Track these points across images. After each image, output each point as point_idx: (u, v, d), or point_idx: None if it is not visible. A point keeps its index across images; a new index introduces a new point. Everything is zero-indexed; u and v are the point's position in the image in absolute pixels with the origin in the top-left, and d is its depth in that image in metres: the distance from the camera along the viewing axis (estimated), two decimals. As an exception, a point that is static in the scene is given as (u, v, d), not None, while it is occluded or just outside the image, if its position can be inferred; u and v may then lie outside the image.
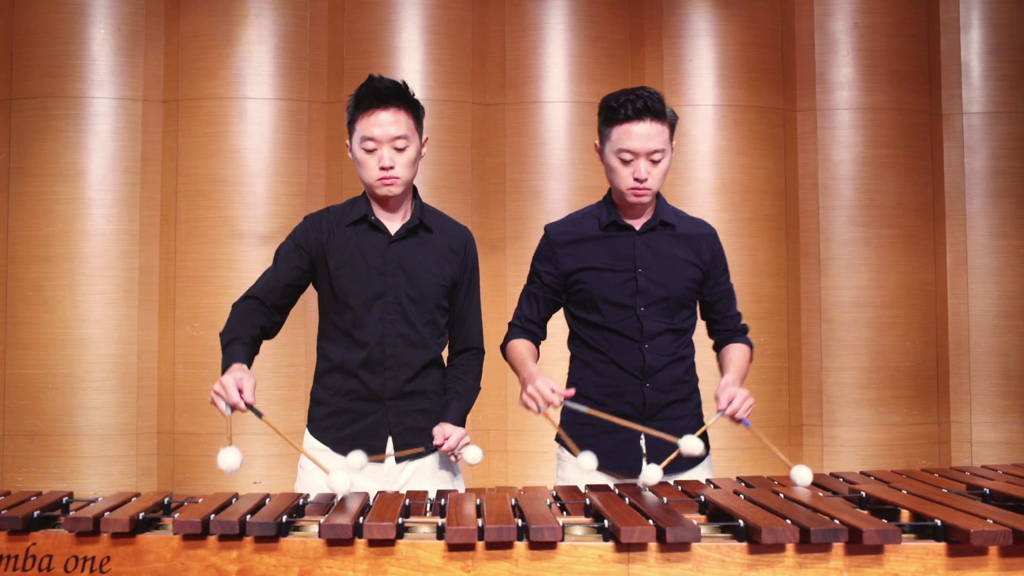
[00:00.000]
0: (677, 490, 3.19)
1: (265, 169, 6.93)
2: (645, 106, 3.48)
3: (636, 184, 3.54)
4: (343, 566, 2.60)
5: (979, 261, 7.26)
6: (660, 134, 3.51)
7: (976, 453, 7.20)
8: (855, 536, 2.50)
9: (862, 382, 7.05)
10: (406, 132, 3.45)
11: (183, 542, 2.64)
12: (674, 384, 3.67)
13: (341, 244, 3.55)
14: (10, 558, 2.66)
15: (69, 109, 6.86)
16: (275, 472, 6.83)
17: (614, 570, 2.56)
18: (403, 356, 3.53)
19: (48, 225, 6.82)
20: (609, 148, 3.59)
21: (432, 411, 3.60)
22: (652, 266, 3.65)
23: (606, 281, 3.65)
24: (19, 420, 6.80)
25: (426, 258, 3.58)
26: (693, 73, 7.21)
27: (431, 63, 7.07)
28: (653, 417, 3.60)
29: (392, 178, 3.45)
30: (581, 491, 3.15)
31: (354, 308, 3.53)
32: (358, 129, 3.47)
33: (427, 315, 3.58)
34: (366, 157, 3.46)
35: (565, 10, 7.12)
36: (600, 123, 3.64)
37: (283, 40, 7.02)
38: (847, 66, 7.24)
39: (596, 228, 3.71)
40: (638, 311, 3.62)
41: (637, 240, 3.66)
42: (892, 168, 7.16)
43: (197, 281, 6.89)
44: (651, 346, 3.62)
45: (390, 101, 3.44)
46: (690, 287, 3.70)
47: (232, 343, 3.60)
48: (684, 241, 3.71)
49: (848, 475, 3.44)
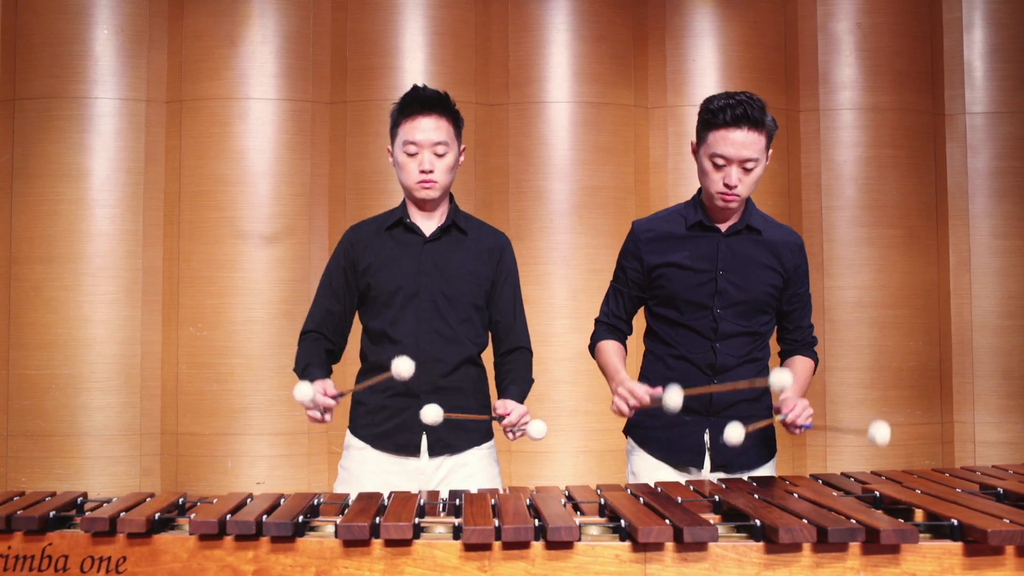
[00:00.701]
0: (689, 490, 3.19)
1: (268, 169, 6.93)
2: (744, 113, 3.47)
3: (725, 190, 3.54)
4: (360, 566, 2.60)
5: (982, 261, 7.26)
6: (756, 143, 3.50)
7: (979, 453, 7.21)
8: (872, 536, 2.51)
9: (865, 382, 7.06)
10: (446, 139, 3.59)
11: (199, 542, 2.64)
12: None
13: (377, 248, 3.67)
14: (26, 558, 2.66)
15: (72, 110, 6.86)
16: (279, 472, 6.83)
17: (631, 570, 2.56)
18: (438, 352, 3.60)
19: (51, 226, 6.81)
20: (704, 151, 3.58)
21: (469, 408, 3.65)
22: (733, 269, 3.66)
23: (686, 280, 3.67)
24: (23, 421, 6.80)
25: (461, 258, 3.66)
26: (696, 73, 7.22)
27: (434, 63, 7.07)
28: (719, 414, 3.61)
29: (431, 181, 3.57)
30: (594, 491, 3.14)
31: (390, 307, 3.63)
32: (401, 133, 3.60)
33: (463, 313, 3.65)
34: (407, 160, 3.59)
35: (568, 10, 7.12)
36: (698, 124, 3.62)
37: (286, 40, 7.01)
38: (850, 66, 7.25)
39: (682, 227, 3.72)
40: (714, 312, 3.64)
41: (721, 242, 3.67)
42: (895, 168, 7.17)
43: (200, 281, 6.89)
44: (723, 346, 3.63)
45: (433, 108, 3.58)
46: (770, 293, 3.70)
47: (307, 368, 3.67)
48: (768, 247, 3.71)
49: (859, 475, 3.45)
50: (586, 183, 7.01)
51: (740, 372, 3.68)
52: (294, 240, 6.92)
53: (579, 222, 6.96)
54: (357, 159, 7.00)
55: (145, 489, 6.83)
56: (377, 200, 6.90)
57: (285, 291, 6.89)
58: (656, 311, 3.77)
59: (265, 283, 6.88)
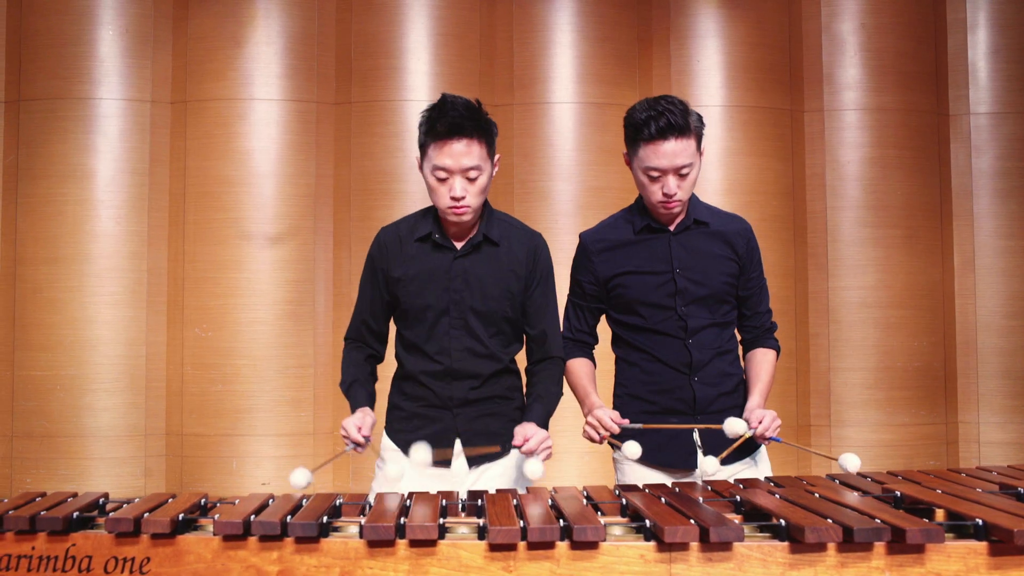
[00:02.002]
0: (707, 490, 3.19)
1: (273, 170, 6.92)
2: (668, 123, 3.45)
3: (665, 199, 3.55)
4: (384, 567, 2.60)
5: (986, 261, 7.27)
6: (686, 149, 3.49)
7: (984, 453, 7.22)
8: (898, 535, 2.51)
9: (870, 382, 7.07)
10: (479, 162, 3.42)
11: (223, 543, 2.64)
12: (721, 377, 3.69)
13: (408, 259, 3.59)
14: (50, 559, 2.66)
15: (77, 111, 6.85)
16: (284, 473, 6.77)
17: (656, 570, 2.56)
18: (470, 368, 3.56)
19: (56, 226, 6.81)
20: (636, 164, 3.58)
21: (501, 414, 3.63)
22: (690, 265, 3.66)
23: (645, 284, 3.66)
24: (28, 422, 6.79)
25: (492, 272, 3.58)
26: (700, 74, 7.22)
27: (438, 64, 7.07)
28: (704, 411, 3.62)
29: (463, 208, 3.44)
30: (612, 491, 3.14)
31: (422, 322, 3.57)
32: (430, 156, 3.45)
33: (494, 327, 3.60)
34: (437, 185, 3.45)
35: (573, 11, 7.12)
36: (626, 137, 3.62)
37: (291, 41, 7.01)
38: (854, 67, 7.26)
39: (631, 232, 3.72)
40: (679, 310, 3.63)
41: (672, 240, 3.67)
42: (899, 169, 7.18)
43: (205, 282, 6.89)
44: (695, 341, 3.64)
45: (463, 131, 3.39)
46: (728, 282, 3.70)
47: (352, 386, 3.64)
48: (719, 237, 3.72)
49: (876, 475, 3.45)
50: (591, 184, 7.01)
51: (715, 365, 3.68)
52: (299, 241, 6.92)
53: (584, 223, 6.89)
54: (362, 160, 7.00)
55: (150, 490, 6.83)
56: (382, 200, 6.90)
57: (290, 292, 6.89)
58: (620, 319, 3.76)
59: (270, 284, 6.87)
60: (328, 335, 6.98)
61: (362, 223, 6.97)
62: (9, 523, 2.68)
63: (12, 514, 2.69)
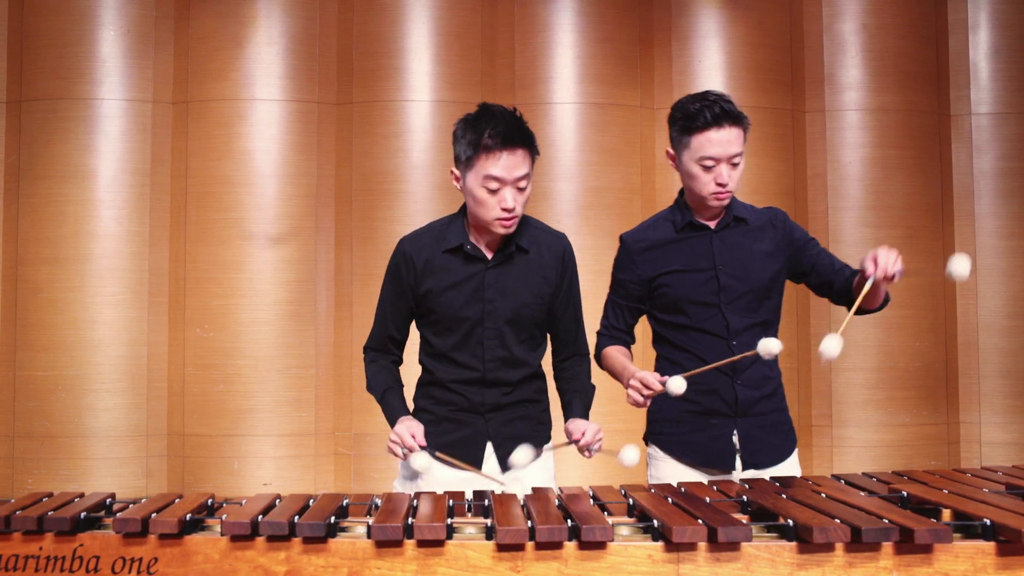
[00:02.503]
0: (713, 490, 3.19)
1: (275, 171, 6.92)
2: (723, 111, 3.49)
3: (719, 188, 3.56)
4: (392, 567, 2.60)
5: (988, 262, 7.28)
6: (738, 137, 3.53)
7: (985, 454, 7.22)
8: (906, 535, 2.51)
9: (871, 383, 7.07)
10: (528, 171, 3.40)
11: (231, 543, 2.63)
12: (763, 380, 3.71)
13: (438, 270, 3.54)
14: (57, 559, 2.66)
15: (78, 111, 6.85)
16: (285, 474, 6.82)
17: (664, 570, 2.56)
18: (502, 377, 3.56)
19: (58, 227, 6.81)
20: (688, 156, 3.57)
21: (530, 417, 3.65)
22: (731, 262, 3.67)
23: (688, 282, 3.68)
24: (29, 422, 6.79)
25: (524, 280, 3.57)
26: (702, 74, 7.22)
27: (440, 64, 7.07)
28: (746, 413, 3.64)
29: (513, 219, 3.41)
30: (618, 491, 3.14)
31: (453, 332, 3.55)
32: (479, 167, 3.37)
33: (525, 333, 3.59)
34: (487, 197, 3.38)
35: (574, 11, 7.12)
36: (675, 131, 3.62)
37: (292, 42, 7.01)
38: (855, 67, 7.26)
39: (672, 231, 3.73)
40: (722, 308, 3.65)
41: (714, 238, 3.69)
42: (901, 169, 7.18)
43: (207, 283, 6.88)
44: (739, 342, 3.64)
45: (514, 141, 3.35)
46: (772, 277, 3.72)
47: (386, 393, 3.61)
48: (758, 232, 3.73)
49: (881, 475, 3.45)
50: (592, 184, 7.02)
51: (758, 368, 3.69)
52: (300, 241, 6.92)
53: (585, 223, 6.96)
54: (363, 160, 7.00)
55: (152, 491, 6.82)
56: (383, 201, 6.90)
57: (292, 292, 6.89)
58: (663, 318, 3.77)
59: (271, 284, 6.87)
60: (329, 335, 6.98)
61: (363, 223, 6.97)
62: (17, 523, 2.68)
63: (20, 514, 2.69)
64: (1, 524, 2.68)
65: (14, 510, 2.73)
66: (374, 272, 6.87)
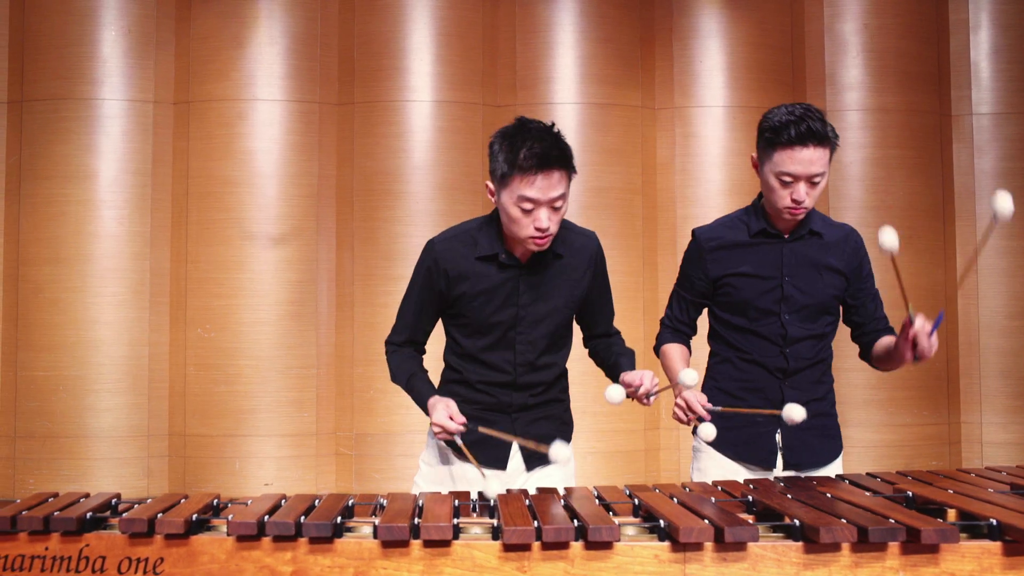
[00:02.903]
0: (717, 490, 3.19)
1: (276, 171, 6.93)
2: (809, 130, 3.42)
3: (793, 205, 3.53)
4: (398, 567, 2.60)
5: (989, 262, 7.28)
6: (822, 158, 3.47)
7: (986, 454, 7.22)
8: (912, 535, 2.51)
9: (872, 383, 7.06)
10: (564, 191, 3.34)
11: (237, 543, 2.63)
12: (812, 384, 3.73)
13: (472, 276, 3.52)
14: (63, 559, 2.66)
15: (80, 111, 6.85)
16: (287, 474, 6.82)
17: (670, 570, 2.56)
18: (531, 380, 3.57)
19: (59, 227, 6.81)
20: (769, 168, 3.53)
21: (555, 416, 3.66)
22: (798, 274, 3.67)
23: (753, 287, 3.68)
24: (30, 422, 6.79)
25: (558, 284, 3.55)
26: (703, 74, 7.23)
27: (441, 64, 7.07)
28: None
29: (546, 238, 3.36)
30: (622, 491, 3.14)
31: (485, 336, 3.55)
32: (514, 186, 3.30)
33: (556, 336, 3.60)
34: (521, 216, 3.31)
35: (575, 12, 7.13)
36: (761, 141, 3.57)
37: (294, 42, 7.01)
38: (857, 67, 7.26)
39: (745, 234, 3.72)
40: (783, 317, 3.66)
41: (785, 248, 3.68)
42: (902, 169, 7.19)
43: (208, 283, 6.89)
44: (792, 351, 3.66)
45: (551, 163, 3.27)
46: (834, 295, 3.72)
47: (411, 380, 3.59)
48: (830, 249, 3.72)
49: (885, 475, 3.45)
50: (593, 184, 7.02)
51: (808, 375, 3.72)
52: (301, 241, 6.92)
53: (587, 223, 6.79)
54: (364, 160, 7.00)
55: (153, 491, 6.83)
56: (385, 201, 6.90)
57: (293, 292, 6.89)
58: (723, 317, 3.79)
59: (273, 284, 6.88)
60: (331, 335, 6.98)
61: (365, 223, 6.97)
62: (23, 523, 2.68)
63: (26, 514, 2.68)
64: (7, 524, 2.68)
65: (20, 510, 2.72)
66: (375, 272, 6.88)
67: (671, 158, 7.20)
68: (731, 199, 6.99)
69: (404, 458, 6.83)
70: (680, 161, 7.17)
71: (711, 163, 7.14)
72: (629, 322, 6.88)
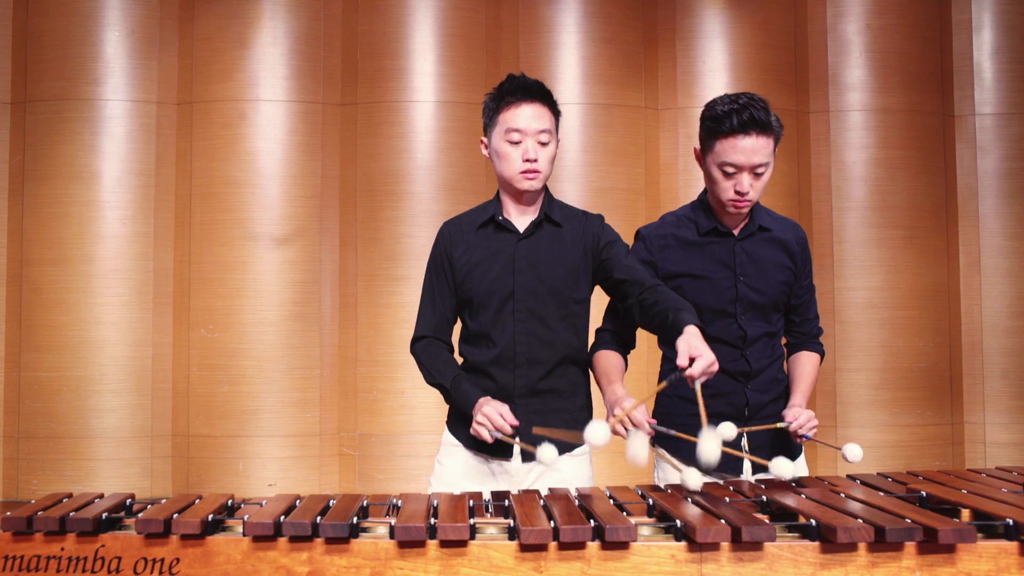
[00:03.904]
0: (730, 490, 3.18)
1: (279, 171, 6.93)
2: (752, 118, 3.36)
3: (737, 197, 3.46)
4: (415, 567, 2.59)
5: (992, 262, 7.29)
6: (765, 147, 3.40)
7: (989, 454, 7.23)
8: (929, 535, 2.51)
9: (875, 383, 7.07)
10: (549, 127, 3.45)
11: (253, 544, 2.62)
12: (771, 384, 3.67)
13: (470, 248, 3.53)
14: (79, 559, 2.65)
15: (83, 112, 6.85)
16: (290, 474, 6.82)
17: (687, 570, 2.56)
18: (535, 354, 3.49)
19: (62, 227, 6.81)
20: (711, 159, 3.48)
21: (566, 411, 3.56)
22: (751, 272, 3.60)
23: (706, 288, 3.59)
24: (34, 423, 6.78)
25: (556, 252, 3.51)
26: (706, 75, 7.24)
27: (444, 65, 7.07)
28: (754, 416, 3.60)
29: (535, 171, 3.41)
30: (634, 491, 3.14)
31: (487, 309, 3.50)
32: (502, 121, 3.43)
33: (563, 309, 3.51)
34: (510, 149, 3.40)
35: (578, 12, 7.13)
36: (702, 131, 3.51)
37: (297, 42, 7.02)
38: (859, 68, 7.27)
39: (695, 233, 3.63)
40: (738, 318, 3.59)
41: (736, 246, 3.61)
42: (905, 169, 7.19)
43: (212, 283, 6.89)
44: (752, 351, 3.60)
45: (535, 96, 3.45)
46: (784, 291, 3.66)
47: (456, 380, 3.50)
48: (779, 245, 3.66)
49: (896, 475, 3.44)
50: (597, 184, 7.02)
51: (768, 373, 3.67)
52: (305, 242, 6.92)
53: (590, 224, 6.96)
54: (368, 160, 7.00)
55: (156, 492, 6.83)
56: (388, 201, 6.90)
57: (296, 293, 6.89)
58: None
59: (276, 285, 6.88)
60: (334, 336, 6.98)
61: (368, 224, 6.97)
62: (39, 524, 2.67)
63: (41, 515, 2.68)
64: (23, 525, 2.68)
65: (35, 511, 2.72)
66: (379, 273, 6.87)
67: (674, 158, 7.20)
68: (734, 199, 7.01)
69: (407, 459, 6.83)
70: (683, 161, 7.17)
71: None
72: (632, 322, 6.90)
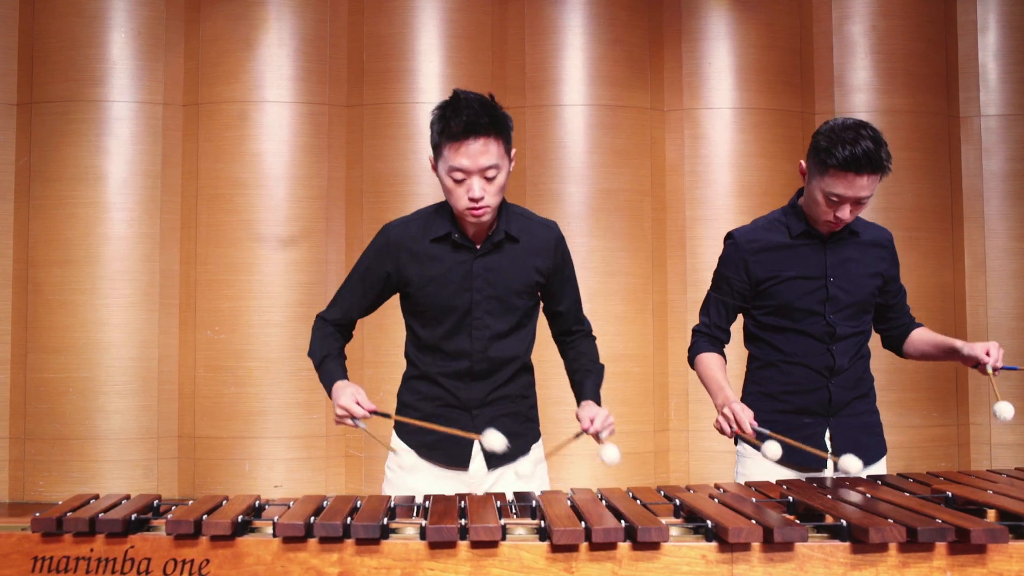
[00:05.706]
0: (753, 491, 3.19)
1: (285, 172, 6.93)
2: (867, 158, 3.37)
3: (835, 221, 3.53)
4: (445, 568, 2.59)
5: (997, 263, 7.30)
6: (871, 183, 3.44)
7: (995, 455, 7.24)
8: (961, 535, 2.51)
9: (881, 384, 6.93)
10: (496, 161, 3.24)
11: (283, 544, 2.62)
12: (857, 381, 3.73)
13: (425, 260, 3.44)
14: (108, 560, 2.65)
15: (89, 113, 6.85)
16: (296, 476, 6.82)
17: (718, 570, 2.56)
18: (491, 369, 3.47)
19: (69, 229, 6.80)
20: (818, 184, 3.50)
21: (519, 413, 3.54)
22: (841, 275, 3.67)
23: (797, 289, 3.68)
24: (40, 424, 6.78)
25: (514, 268, 3.46)
26: (711, 76, 7.24)
27: (450, 66, 7.07)
28: (837, 414, 3.66)
29: (482, 209, 3.27)
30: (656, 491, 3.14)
31: (441, 323, 3.45)
32: (445, 157, 3.26)
33: (515, 321, 3.49)
34: (454, 186, 3.27)
35: (584, 13, 7.13)
36: (814, 156, 3.51)
37: (303, 44, 7.01)
38: (865, 69, 7.28)
39: (786, 236, 3.70)
40: (827, 317, 3.66)
41: (827, 249, 3.68)
42: (910, 171, 7.20)
43: (217, 284, 6.88)
44: (838, 348, 3.66)
45: (479, 130, 3.20)
46: (873, 293, 3.74)
47: (325, 360, 3.48)
48: (868, 248, 3.73)
49: (916, 475, 3.45)
50: (602, 186, 7.02)
51: (852, 371, 3.72)
52: (311, 243, 6.92)
53: (595, 225, 6.97)
54: (374, 162, 7.00)
55: (163, 493, 6.82)
56: (394, 202, 6.90)
57: (302, 294, 6.89)
58: (763, 319, 3.76)
59: (282, 286, 6.87)
60: (341, 337, 6.97)
61: (374, 225, 6.91)
62: (68, 525, 2.67)
63: (71, 516, 2.68)
64: (52, 526, 2.67)
65: (64, 511, 2.72)
66: (386, 274, 6.88)
67: (680, 160, 7.21)
68: (740, 200, 7.01)
69: (414, 460, 6.82)
70: (690, 163, 7.17)
71: (720, 165, 7.15)
72: (638, 324, 6.89)
